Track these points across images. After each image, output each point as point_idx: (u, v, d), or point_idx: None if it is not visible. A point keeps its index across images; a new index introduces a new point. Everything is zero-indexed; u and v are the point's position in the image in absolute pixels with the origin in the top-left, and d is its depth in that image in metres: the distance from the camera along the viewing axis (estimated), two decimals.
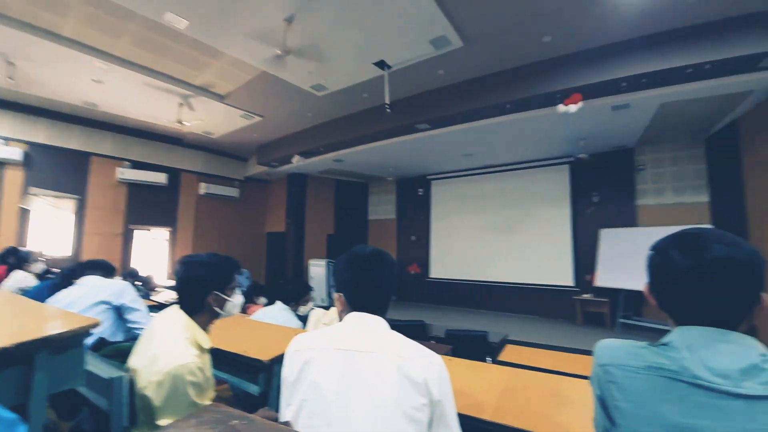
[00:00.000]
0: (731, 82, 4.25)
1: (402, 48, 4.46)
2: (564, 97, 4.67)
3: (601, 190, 7.32)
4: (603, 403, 0.79)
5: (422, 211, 9.83)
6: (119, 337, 2.14)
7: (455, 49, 4.47)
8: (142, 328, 2.14)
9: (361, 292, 1.06)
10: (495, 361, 2.23)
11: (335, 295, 1.11)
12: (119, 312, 2.19)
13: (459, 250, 9.04)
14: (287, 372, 1.00)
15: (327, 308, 2.64)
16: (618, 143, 6.81)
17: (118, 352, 1.44)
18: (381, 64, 4.78)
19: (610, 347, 0.81)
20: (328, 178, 10.08)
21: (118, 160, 7.54)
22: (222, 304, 1.34)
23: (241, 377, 1.74)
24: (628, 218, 6.97)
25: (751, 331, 0.72)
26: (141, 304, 2.27)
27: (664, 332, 0.81)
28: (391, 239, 10.31)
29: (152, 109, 6.45)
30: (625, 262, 6.38)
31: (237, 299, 1.45)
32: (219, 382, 1.79)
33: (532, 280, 7.93)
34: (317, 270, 8.67)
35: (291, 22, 3.91)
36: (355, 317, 1.04)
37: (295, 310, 2.74)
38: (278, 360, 1.62)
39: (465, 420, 1.12)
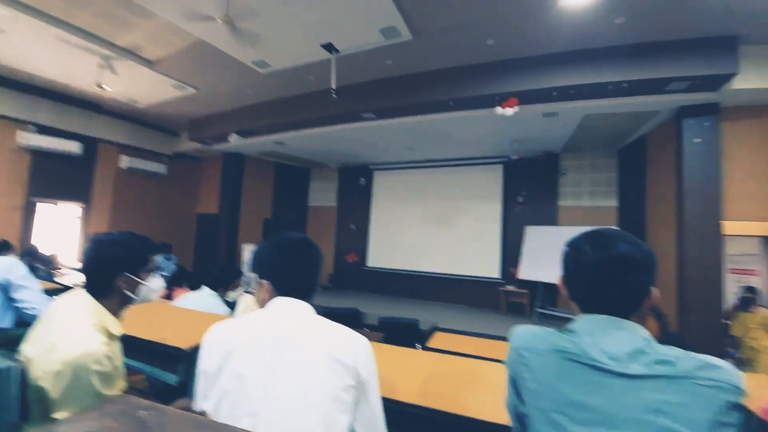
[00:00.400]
0: (642, 101, 4.78)
1: (351, 33, 4.38)
2: (502, 100, 4.92)
3: (529, 191, 7.89)
4: (515, 384, 0.86)
5: (363, 200, 9.86)
6: (7, 323, 1.90)
7: (405, 41, 4.50)
8: (35, 310, 1.92)
9: (290, 276, 1.03)
10: (424, 348, 2.33)
11: (259, 282, 1.06)
12: (5, 291, 1.94)
13: (397, 241, 9.24)
14: (206, 363, 0.92)
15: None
16: (546, 148, 7.36)
17: (6, 339, 1.27)
18: (329, 47, 4.67)
19: (523, 332, 0.89)
20: (268, 161, 9.70)
21: (21, 123, 6.57)
22: (134, 287, 1.23)
23: (158, 366, 1.63)
24: (550, 217, 7.60)
25: (660, 316, 0.83)
26: (32, 282, 2.03)
27: (572, 321, 0.89)
28: (330, 227, 10.24)
29: (66, 68, 5.69)
30: (545, 257, 6.97)
31: (155, 284, 1.33)
32: (133, 372, 1.67)
33: (463, 272, 8.35)
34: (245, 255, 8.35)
35: None
36: (283, 302, 1.01)
37: (223, 296, 2.62)
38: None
39: (391, 404, 1.16)
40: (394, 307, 7.37)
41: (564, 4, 3.65)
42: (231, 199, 8.78)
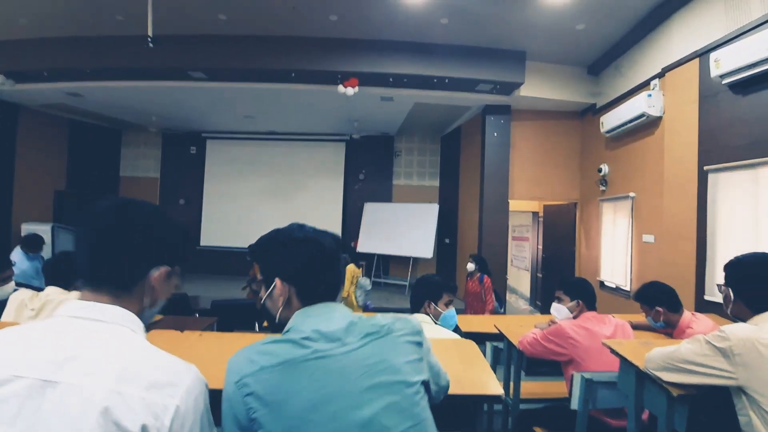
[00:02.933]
0: (459, 96, 5.59)
1: None
2: (344, 78, 5.01)
3: (368, 169, 8.39)
4: (240, 426, 0.72)
5: (195, 171, 8.76)
6: None
7: None
8: None
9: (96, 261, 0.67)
10: (262, 329, 2.26)
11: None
12: None
13: (233, 216, 8.59)
14: None
15: (39, 289, 2.00)
16: (383, 130, 7.91)
17: None
18: None
19: (239, 360, 0.76)
20: (59, 116, 7.57)
21: None
22: None
23: None
24: (386, 195, 8.28)
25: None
26: None
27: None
28: (151, 201, 8.66)
29: None
30: (380, 231, 7.60)
31: None
32: None
33: None
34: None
35: None
36: (82, 308, 0.62)
37: None
38: None
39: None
40: (232, 289, 6.90)
41: None
42: None
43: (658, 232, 4.13)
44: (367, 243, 7.68)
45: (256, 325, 3.66)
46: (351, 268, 4.97)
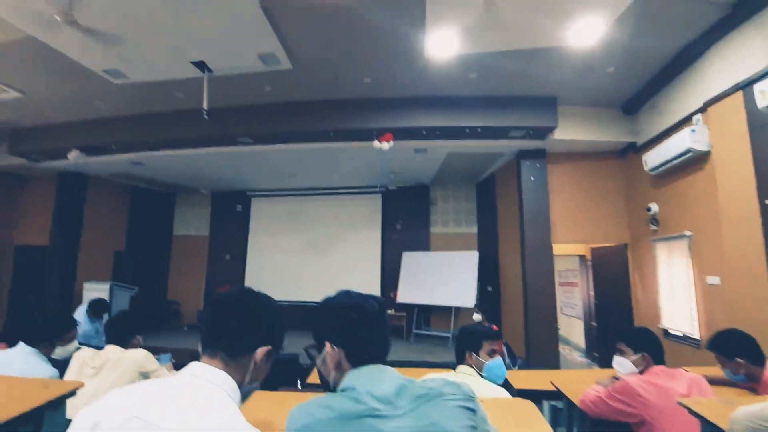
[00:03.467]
0: (492, 144, 5.65)
1: (227, 54, 4.18)
2: (379, 134, 5.25)
3: (405, 219, 8.46)
4: None
5: (240, 228, 9.21)
6: None
7: (285, 69, 4.48)
8: None
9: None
10: (304, 386, 2.23)
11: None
12: None
13: (276, 271, 8.82)
14: None
15: (100, 348, 2.11)
16: (418, 180, 8.06)
17: None
18: (201, 65, 4.35)
19: (298, 413, 0.82)
20: (122, 184, 8.37)
21: None
22: None
23: None
24: (423, 243, 8.24)
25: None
26: None
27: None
28: (201, 258, 9.24)
29: None
30: (419, 280, 7.48)
31: None
32: None
33: None
34: (94, 296, 6.93)
35: None
36: (197, 369, 0.81)
37: (48, 354, 2.08)
38: (6, 426, 1.19)
39: None
40: None
41: (430, 56, 4.13)
42: (67, 226, 7.26)
43: (722, 273, 3.79)
44: (406, 293, 7.56)
45: (298, 382, 3.61)
46: None
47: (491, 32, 3.66)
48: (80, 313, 4.57)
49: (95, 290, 6.92)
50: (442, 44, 3.79)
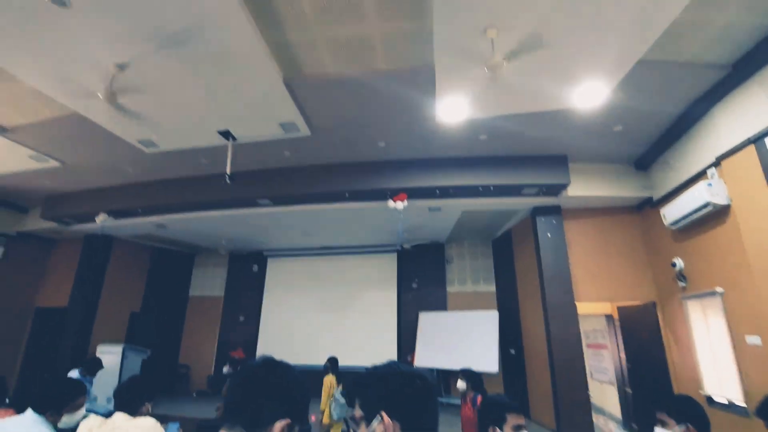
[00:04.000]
0: (506, 201, 5.70)
1: (251, 123, 4.48)
2: (393, 194, 5.38)
3: (420, 277, 8.33)
4: None
5: (255, 288, 9.19)
6: None
7: (303, 136, 4.74)
8: None
9: None
10: None
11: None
12: None
13: (288, 332, 8.62)
14: None
15: (108, 415, 2.02)
16: (433, 238, 8.06)
17: None
18: (226, 134, 4.66)
19: None
20: (143, 244, 8.61)
21: None
22: None
23: None
24: (440, 303, 8.01)
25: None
26: None
27: None
28: (214, 319, 9.14)
29: None
30: (438, 343, 7.16)
31: None
32: None
33: (360, 363, 8.01)
34: (107, 359, 6.81)
35: (123, 69, 3.53)
36: None
37: (55, 423, 2.00)
38: None
39: None
40: None
41: (440, 120, 4.34)
42: (88, 288, 7.37)
43: (763, 332, 3.53)
44: (424, 357, 7.21)
45: None
46: (329, 380, 4.71)
47: (498, 98, 3.85)
48: (74, 375, 4.55)
49: (109, 353, 6.83)
50: (452, 110, 4.00)
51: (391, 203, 5.34)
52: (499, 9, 2.78)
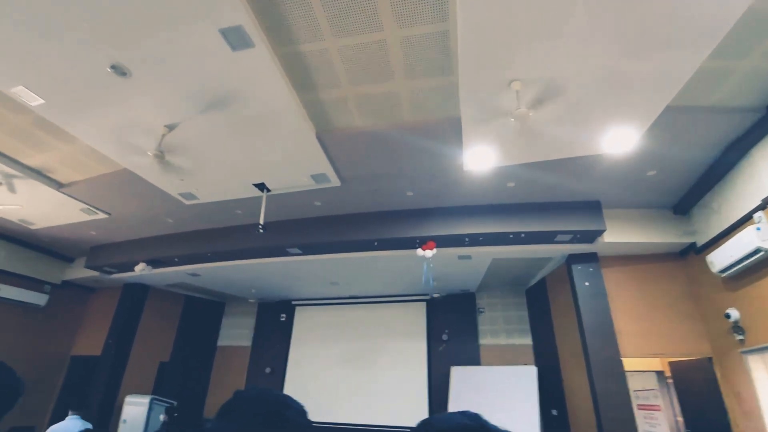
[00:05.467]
0: (538, 249, 5.54)
1: (284, 176, 4.69)
2: (422, 242, 5.36)
3: (451, 329, 8.00)
4: None
5: (282, 339, 9.07)
6: None
7: (334, 187, 4.90)
8: None
9: None
10: None
11: None
12: None
13: (316, 386, 8.32)
14: None
15: None
16: (463, 287, 7.83)
17: None
18: (261, 186, 4.88)
19: None
20: (176, 293, 8.81)
21: None
22: None
23: None
24: (473, 356, 7.60)
25: None
26: None
27: None
28: (240, 371, 8.97)
29: None
30: (472, 400, 6.70)
31: None
32: None
33: (388, 422, 7.57)
34: (134, 410, 6.79)
35: (172, 129, 3.84)
36: None
37: None
38: None
39: None
40: None
41: (468, 169, 4.40)
42: (122, 337, 7.50)
43: None
44: None
45: None
46: None
47: (524, 146, 3.89)
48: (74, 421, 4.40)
49: (135, 404, 6.80)
50: (479, 159, 4.06)
51: (419, 251, 5.30)
52: (524, 64, 2.89)
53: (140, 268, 6.58)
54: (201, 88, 3.31)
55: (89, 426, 4.31)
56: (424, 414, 7.39)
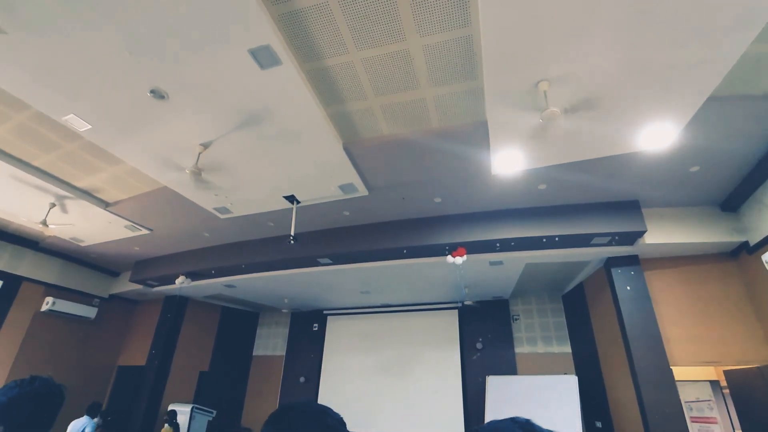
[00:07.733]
0: (574, 252, 5.33)
1: (313, 187, 4.78)
2: (452, 249, 5.28)
3: (485, 337, 7.81)
4: None
5: (315, 348, 9.16)
6: None
7: (362, 196, 4.94)
8: None
9: None
10: None
11: None
12: None
13: (349, 396, 8.32)
14: None
15: None
16: (496, 294, 7.65)
17: None
18: (291, 198, 4.99)
19: None
20: (213, 304, 9.11)
21: None
22: None
23: None
24: (509, 366, 7.38)
25: None
26: None
27: None
28: (275, 380, 9.13)
29: (13, 205, 5.51)
30: (510, 412, 6.45)
31: None
32: None
33: None
34: (178, 419, 7.03)
35: (207, 147, 4.01)
36: None
37: None
38: None
39: None
40: None
41: (496, 173, 4.32)
42: (164, 347, 7.82)
43: None
44: None
45: None
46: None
47: (554, 147, 3.78)
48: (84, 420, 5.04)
49: (179, 412, 7.04)
50: (508, 162, 3.98)
51: (450, 258, 5.23)
52: (550, 63, 2.82)
53: (180, 281, 6.86)
54: (233, 106, 3.45)
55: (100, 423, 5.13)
56: (459, 425, 7.23)
